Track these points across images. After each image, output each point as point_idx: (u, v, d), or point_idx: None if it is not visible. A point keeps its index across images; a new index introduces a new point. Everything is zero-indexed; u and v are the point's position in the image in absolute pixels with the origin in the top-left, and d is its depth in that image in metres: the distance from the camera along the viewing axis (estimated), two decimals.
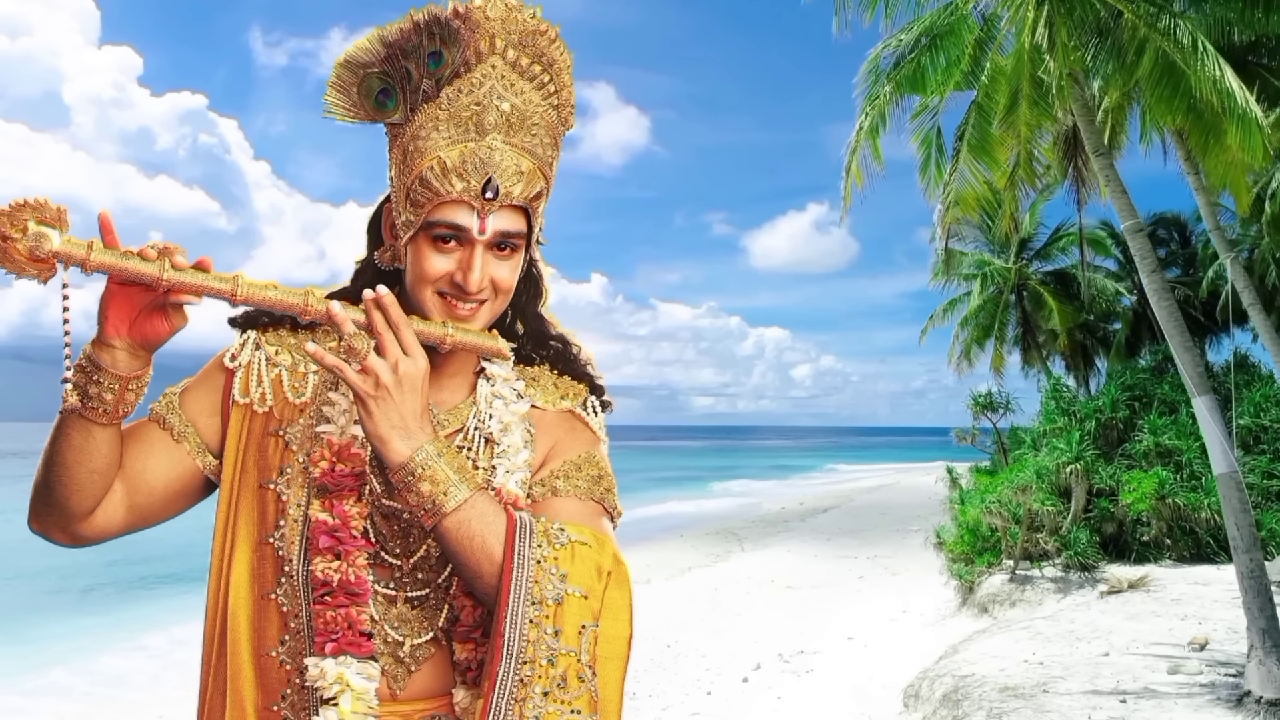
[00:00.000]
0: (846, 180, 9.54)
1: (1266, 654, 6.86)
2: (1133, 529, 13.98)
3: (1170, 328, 7.49)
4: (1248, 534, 7.10)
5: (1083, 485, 14.29)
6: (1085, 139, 7.76)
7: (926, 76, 8.75)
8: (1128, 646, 9.04)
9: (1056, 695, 7.63)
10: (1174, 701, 7.23)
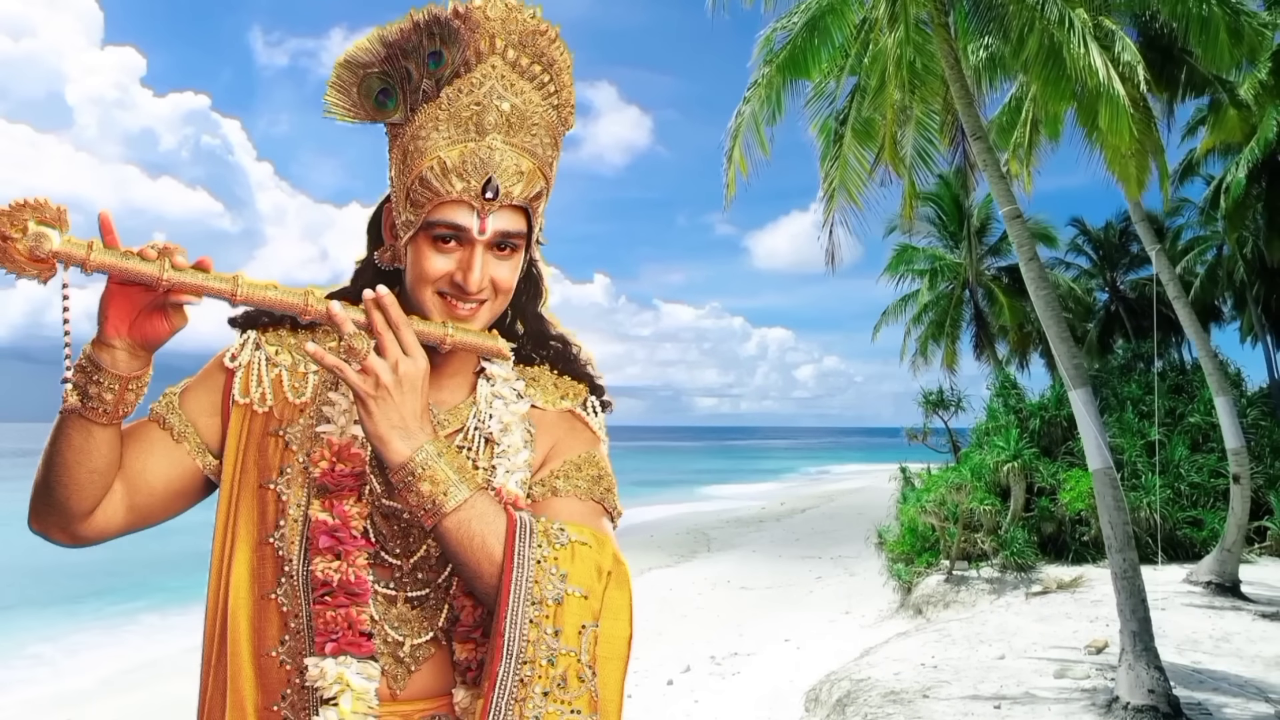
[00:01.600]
0: (729, 169, 9.32)
1: (1136, 658, 6.68)
2: (1071, 529, 13.77)
3: (1047, 318, 7.31)
4: (1121, 532, 6.90)
5: (1021, 484, 14.11)
6: (964, 122, 7.57)
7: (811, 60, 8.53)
8: (1027, 649, 8.88)
9: (935, 700, 7.49)
10: (1048, 707, 7.07)
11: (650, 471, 54.32)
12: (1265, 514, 14.72)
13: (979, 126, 7.56)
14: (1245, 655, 8.62)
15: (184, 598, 14.76)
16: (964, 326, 21.20)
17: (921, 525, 13.77)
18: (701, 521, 30.59)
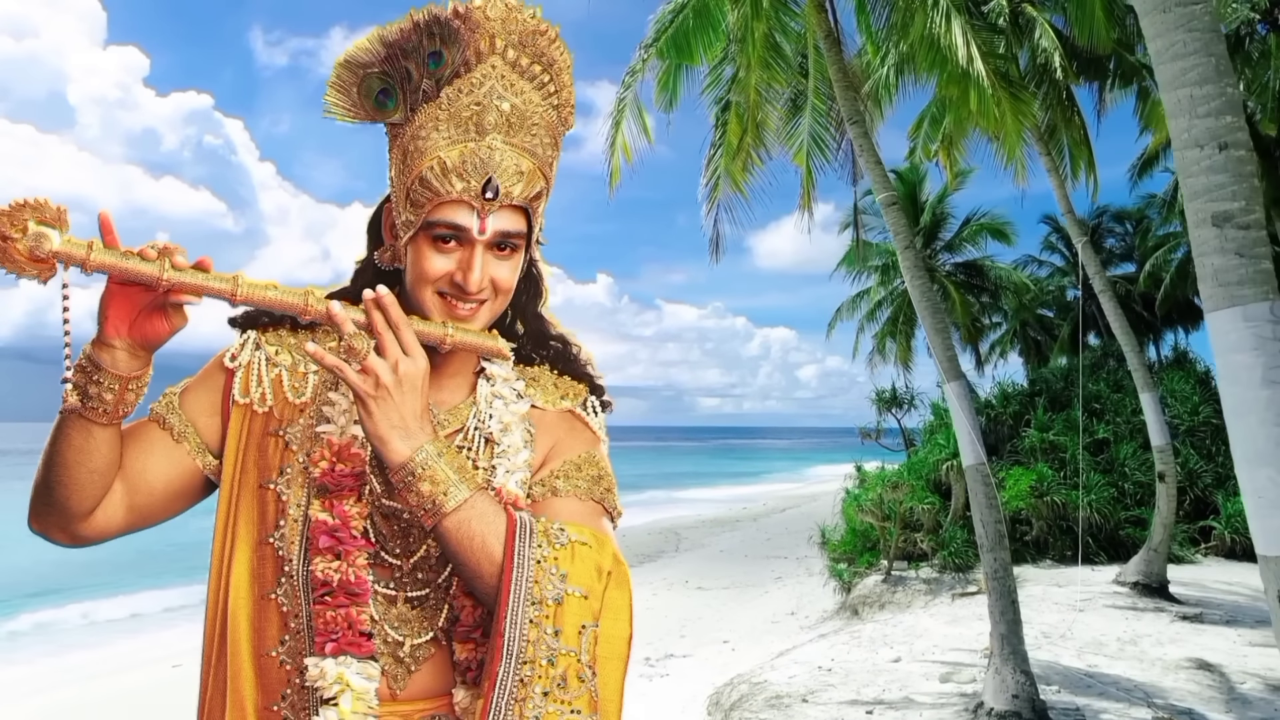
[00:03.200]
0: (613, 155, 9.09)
1: (1003, 662, 6.47)
2: (1012, 528, 13.53)
3: (923, 309, 7.12)
4: (993, 531, 6.70)
5: (961, 483, 13.88)
6: (841, 105, 7.37)
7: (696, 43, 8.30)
8: (926, 652, 8.71)
9: (813, 705, 7.34)
10: (919, 713, 6.90)
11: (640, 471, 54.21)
12: (1212, 514, 14.50)
13: (856, 111, 7.37)
14: (1148, 658, 8.43)
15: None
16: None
17: (862, 525, 13.58)
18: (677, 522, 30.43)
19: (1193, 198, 3.36)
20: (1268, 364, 3.12)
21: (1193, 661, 8.40)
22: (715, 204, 8.97)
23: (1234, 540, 13.82)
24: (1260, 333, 3.14)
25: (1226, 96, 3.26)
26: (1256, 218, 3.24)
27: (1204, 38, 3.36)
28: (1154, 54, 3.46)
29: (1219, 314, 3.26)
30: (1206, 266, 3.34)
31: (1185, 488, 14.89)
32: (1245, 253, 3.18)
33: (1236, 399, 3.30)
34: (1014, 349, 29.53)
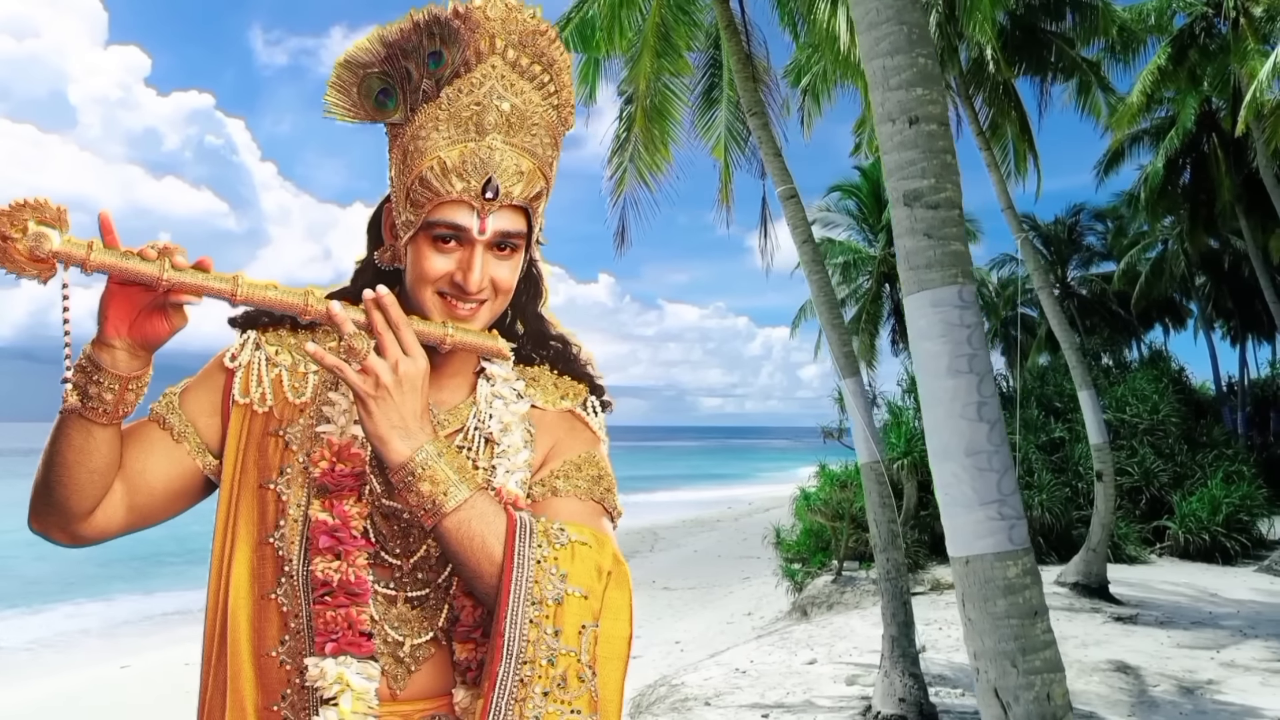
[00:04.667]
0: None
1: (893, 665, 6.36)
2: None
3: (819, 303, 7.02)
4: (886, 531, 6.59)
5: (913, 482, 13.76)
6: (742, 95, 7.26)
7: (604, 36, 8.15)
8: (845, 654, 8.61)
9: (714, 708, 7.25)
10: (814, 716, 6.79)
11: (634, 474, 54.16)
12: (1167, 514, 14.35)
13: (757, 101, 7.27)
14: (1067, 660, 8.25)
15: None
16: (883, 320, 20.86)
17: (814, 525, 13.46)
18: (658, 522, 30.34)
19: (889, 175, 3.16)
20: (953, 352, 2.93)
21: (1113, 664, 8.30)
22: (620, 197, 8.87)
23: (1188, 540, 13.68)
24: (947, 319, 2.94)
25: (919, 68, 3.05)
26: (947, 196, 3.04)
27: (896, 5, 3.13)
28: (856, 22, 3.26)
29: (910, 299, 3.08)
30: (901, 249, 3.15)
31: (1141, 487, 14.77)
32: (934, 234, 2.98)
33: (926, 389, 3.12)
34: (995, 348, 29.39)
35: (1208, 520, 13.58)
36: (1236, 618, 10.34)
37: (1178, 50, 14.26)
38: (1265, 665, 8.43)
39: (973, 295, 2.97)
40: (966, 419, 2.93)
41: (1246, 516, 13.91)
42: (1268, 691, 7.56)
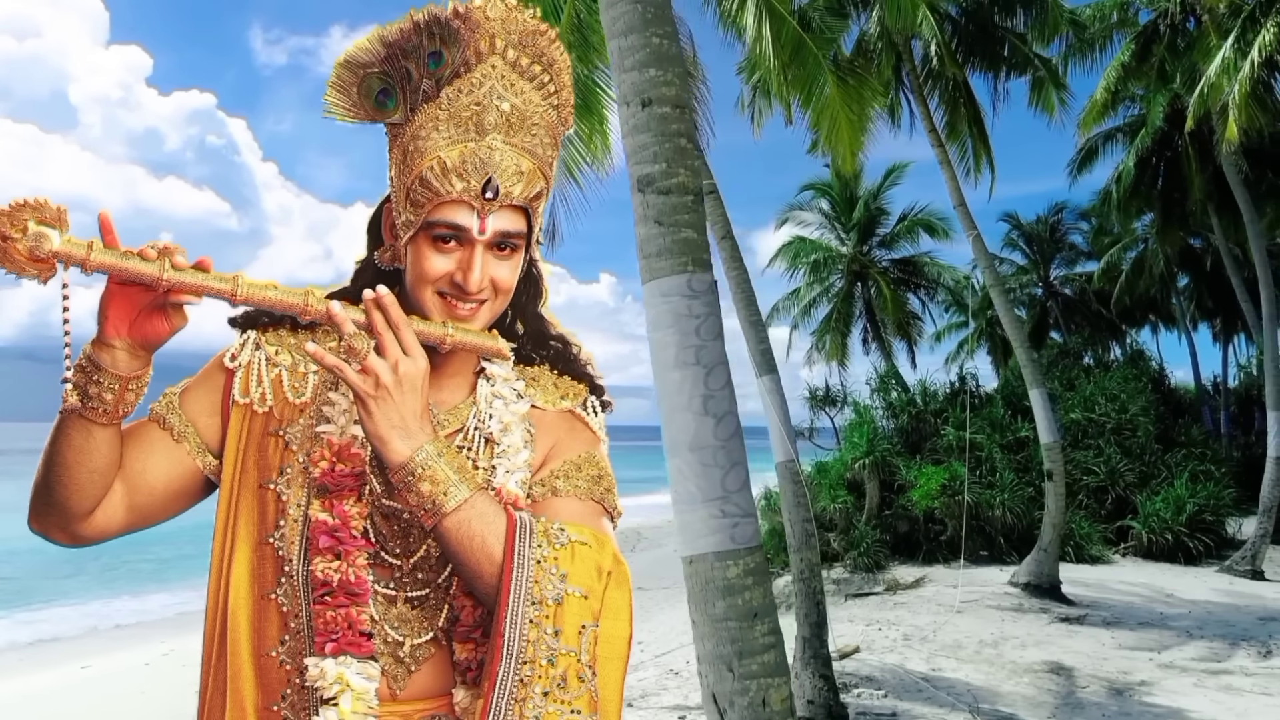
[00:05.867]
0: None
1: (804, 666, 6.27)
2: (924, 528, 13.31)
3: (737, 300, 6.94)
4: (801, 531, 6.50)
5: (875, 482, 13.67)
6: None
7: None
8: None
9: (639, 709, 7.25)
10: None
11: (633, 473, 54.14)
12: (1131, 513, 14.23)
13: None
14: (1001, 661, 8.24)
15: None
16: (855, 319, 20.76)
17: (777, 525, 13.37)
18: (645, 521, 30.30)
19: (629, 160, 3.03)
20: (681, 343, 2.83)
21: (1048, 665, 8.21)
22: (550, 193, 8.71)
23: (1151, 540, 13.56)
24: (676, 309, 2.84)
25: (652, 48, 2.93)
26: (679, 182, 2.92)
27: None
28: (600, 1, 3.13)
29: (646, 287, 2.98)
30: (638, 235, 3.04)
31: (1107, 486, 14.65)
32: (665, 220, 2.86)
33: (657, 381, 3.01)
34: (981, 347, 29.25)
35: (1171, 520, 13.47)
36: (1187, 618, 10.24)
37: (1142, 46, 14.16)
38: (1203, 666, 8.33)
39: (706, 284, 2.86)
40: (693, 412, 2.82)
41: (1212, 516, 13.79)
42: (1199, 693, 7.47)
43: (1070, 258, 27.62)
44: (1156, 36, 14.22)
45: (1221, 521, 14.20)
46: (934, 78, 11.57)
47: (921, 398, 15.69)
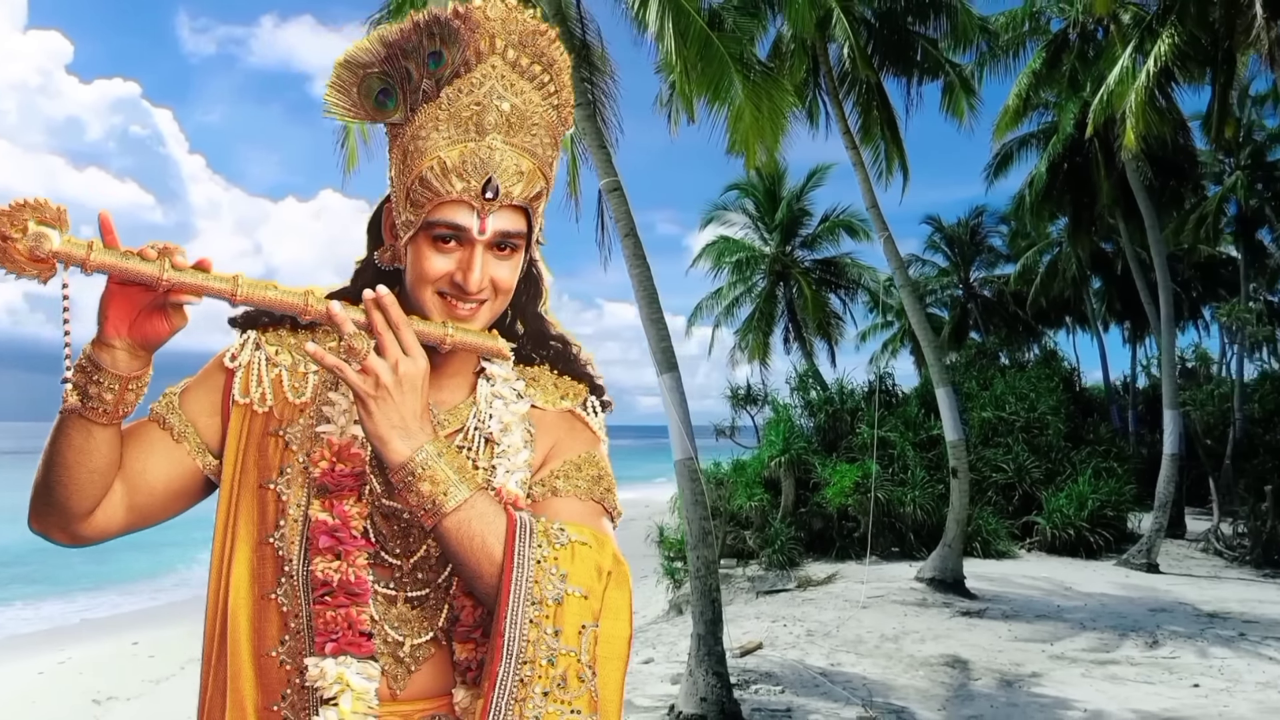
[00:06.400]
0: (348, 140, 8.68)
1: (698, 664, 6.28)
2: (838, 525, 13.50)
3: (639, 297, 6.90)
4: (697, 528, 6.50)
5: (790, 480, 13.83)
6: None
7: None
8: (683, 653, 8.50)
9: None
10: (626, 716, 6.66)
11: None
12: (1036, 509, 14.65)
13: (581, 93, 7.13)
14: (899, 655, 8.38)
15: None
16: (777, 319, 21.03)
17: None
18: None
19: None
20: None
21: (945, 658, 8.38)
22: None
23: (1054, 535, 13.97)
24: None
25: None
26: None
27: None
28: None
29: None
30: None
31: (1014, 483, 15.07)
32: None
33: None
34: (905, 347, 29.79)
35: (1074, 516, 13.90)
36: (1082, 611, 10.55)
37: (1052, 54, 14.58)
38: (1091, 657, 8.59)
39: None
40: None
41: (1113, 512, 14.27)
42: (1085, 683, 7.70)
43: (990, 260, 28.36)
44: (1066, 45, 14.66)
45: (1122, 517, 14.71)
46: (849, 81, 11.74)
47: (839, 396, 15.95)
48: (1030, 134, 18.33)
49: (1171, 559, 14.11)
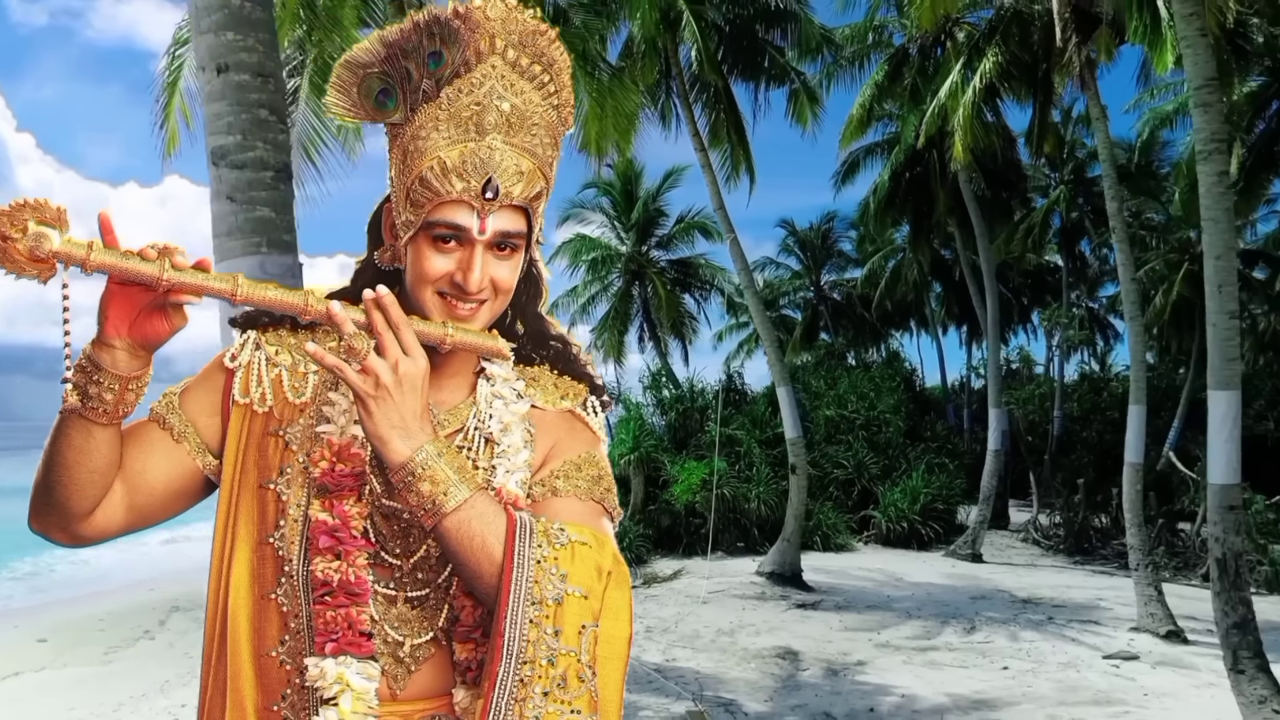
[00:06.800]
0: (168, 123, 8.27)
1: None
2: (685, 521, 13.71)
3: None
4: None
5: (640, 477, 13.94)
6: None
7: None
8: None
9: None
10: None
11: None
12: (873, 504, 15.31)
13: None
14: (733, 649, 8.54)
15: None
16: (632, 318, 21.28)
17: None
18: None
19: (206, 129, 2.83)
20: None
21: (778, 650, 8.59)
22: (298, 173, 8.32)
23: (889, 528, 14.62)
24: None
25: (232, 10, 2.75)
26: (257, 156, 2.76)
27: None
28: None
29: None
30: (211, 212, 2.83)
31: (854, 479, 15.69)
32: (239, 197, 2.71)
33: None
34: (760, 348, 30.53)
35: (907, 509, 14.58)
36: (909, 600, 11.05)
37: (894, 68, 15.22)
38: (913, 644, 8.99)
39: (283, 267, 2.73)
40: None
41: (943, 505, 15.04)
42: (906, 670, 8.05)
43: (841, 264, 29.44)
44: (907, 59, 15.32)
45: (952, 510, 15.52)
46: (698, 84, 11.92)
47: (690, 395, 16.21)
48: (876, 143, 19.13)
49: (995, 549, 15.00)
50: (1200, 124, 6.10)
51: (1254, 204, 18.63)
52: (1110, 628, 9.85)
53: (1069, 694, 7.47)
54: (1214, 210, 6.01)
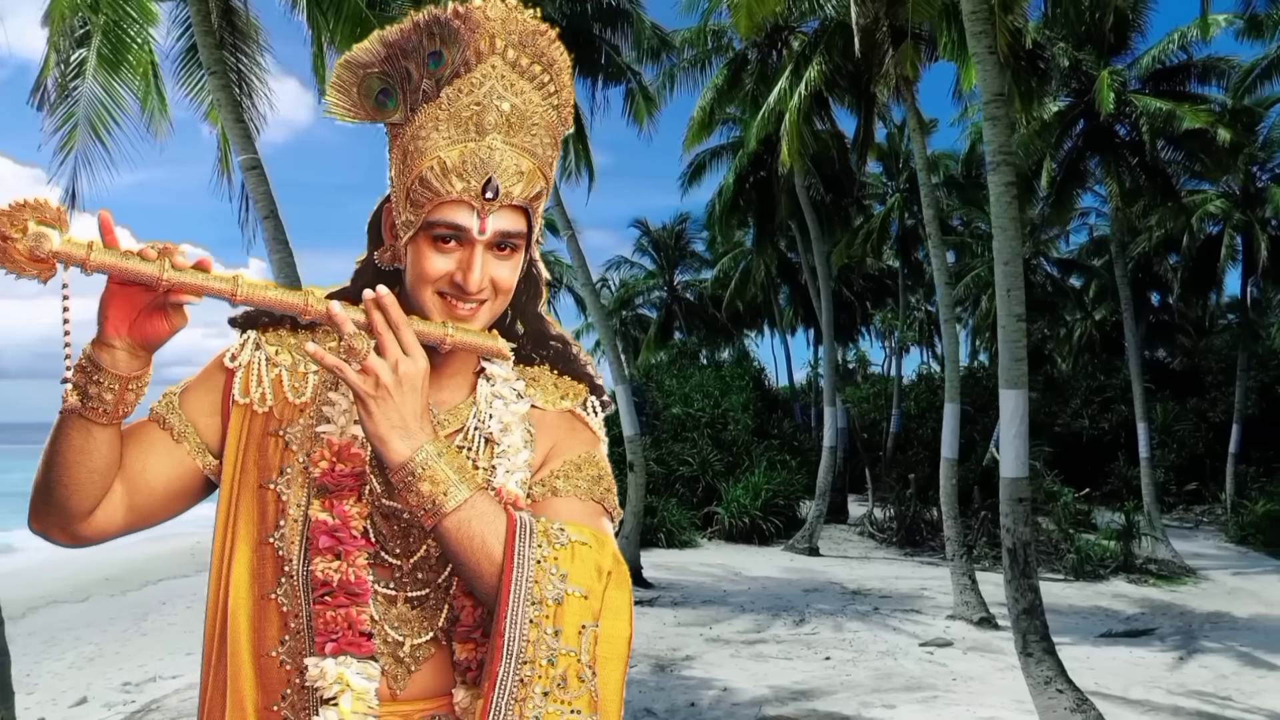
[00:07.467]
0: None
1: None
2: None
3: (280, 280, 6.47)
4: None
5: None
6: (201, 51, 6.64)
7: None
8: None
9: None
10: None
11: None
12: (717, 500, 15.60)
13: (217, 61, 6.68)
14: None
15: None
16: None
17: None
18: None
19: None
20: None
21: None
22: (70, 154, 7.78)
23: (732, 524, 14.92)
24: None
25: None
26: None
27: None
28: None
29: None
30: None
31: (699, 476, 15.95)
32: None
33: None
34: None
35: (749, 505, 14.91)
36: (745, 594, 11.26)
37: (733, 72, 15.53)
38: (744, 638, 9.15)
39: None
40: None
41: (784, 501, 15.47)
42: (733, 664, 8.18)
43: (694, 265, 29.91)
44: (746, 64, 15.67)
45: (793, 505, 15.96)
46: None
47: None
48: (721, 146, 19.48)
49: (832, 542, 15.51)
50: (990, 137, 6.39)
51: (1066, 216, 19.92)
52: (930, 616, 10.30)
53: (884, 681, 7.73)
54: (1002, 219, 6.31)
